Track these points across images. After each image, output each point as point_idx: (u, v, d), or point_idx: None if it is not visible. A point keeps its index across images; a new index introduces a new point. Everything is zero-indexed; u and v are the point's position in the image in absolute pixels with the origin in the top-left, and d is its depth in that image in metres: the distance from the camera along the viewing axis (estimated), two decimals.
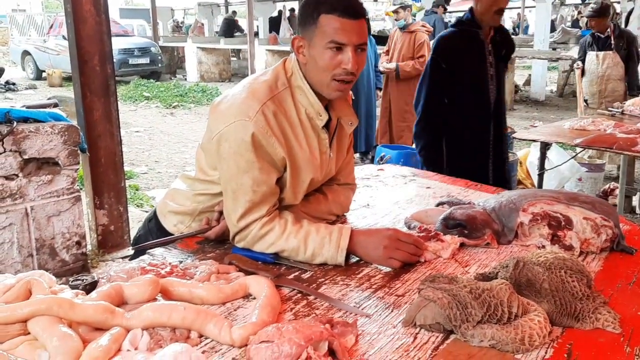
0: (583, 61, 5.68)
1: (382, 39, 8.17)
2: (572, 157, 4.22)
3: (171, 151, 7.84)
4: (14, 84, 13.71)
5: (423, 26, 6.28)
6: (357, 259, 1.54)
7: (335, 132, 1.69)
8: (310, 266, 1.49)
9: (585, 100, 5.69)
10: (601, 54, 5.43)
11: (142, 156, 7.50)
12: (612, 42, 5.43)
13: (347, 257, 1.51)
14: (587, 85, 5.63)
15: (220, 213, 1.63)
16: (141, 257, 1.53)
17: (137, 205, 5.07)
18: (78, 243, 2.26)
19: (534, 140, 3.69)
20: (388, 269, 1.48)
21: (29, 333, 1.03)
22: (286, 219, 1.54)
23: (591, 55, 5.53)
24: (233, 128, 1.47)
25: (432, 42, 3.52)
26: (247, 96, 1.50)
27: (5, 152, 2.03)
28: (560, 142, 3.57)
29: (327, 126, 1.62)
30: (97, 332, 1.07)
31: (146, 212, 3.78)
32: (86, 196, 2.46)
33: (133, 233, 2.93)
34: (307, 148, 1.57)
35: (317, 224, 1.56)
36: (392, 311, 1.27)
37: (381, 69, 6.36)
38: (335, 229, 1.52)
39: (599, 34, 5.50)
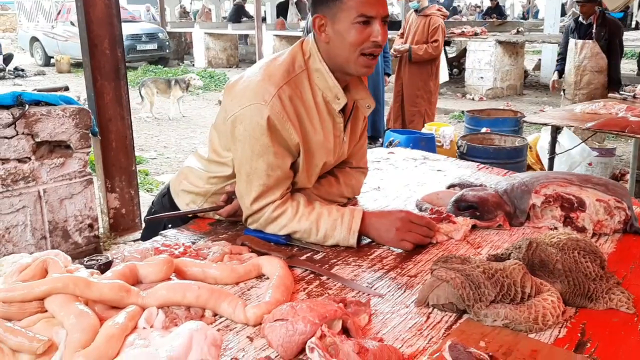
0: (565, 49, 5.36)
1: (391, 23, 8.11)
2: (583, 142, 4.19)
3: (180, 137, 7.85)
4: (22, 70, 13.75)
5: (439, 10, 6.21)
6: (369, 240, 1.54)
7: (350, 116, 1.68)
8: (322, 247, 1.50)
9: (563, 90, 5.43)
10: (580, 42, 5.09)
11: (151, 142, 7.52)
12: (594, 30, 5.04)
13: (359, 239, 1.51)
14: (566, 74, 5.35)
15: (230, 193, 1.64)
16: (154, 238, 1.54)
17: (147, 190, 5.10)
18: (90, 226, 2.28)
19: (544, 124, 3.66)
20: (400, 251, 1.48)
21: (46, 311, 1.04)
22: (298, 201, 1.54)
23: (571, 42, 5.20)
24: (249, 111, 1.46)
25: None
26: (264, 79, 1.49)
27: (17, 135, 2.04)
28: (571, 126, 3.55)
29: (342, 109, 1.61)
30: (113, 310, 1.08)
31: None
32: (97, 180, 2.47)
33: (144, 217, 2.95)
34: (321, 132, 1.57)
35: (329, 206, 1.56)
36: (404, 291, 1.27)
37: (393, 51, 6.31)
38: (347, 211, 1.52)
39: (582, 20, 5.13)
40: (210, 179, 1.68)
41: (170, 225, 1.68)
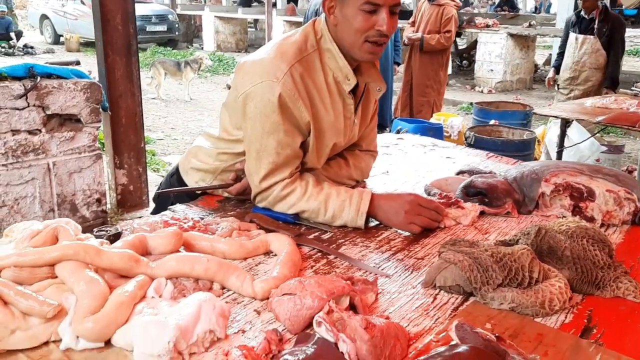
0: (565, 42, 5.16)
1: (402, 13, 8.06)
2: (592, 136, 4.16)
3: (187, 119, 7.85)
4: (32, 47, 13.74)
5: (452, 0, 6.15)
6: (377, 223, 1.54)
7: (361, 98, 1.67)
8: (330, 228, 1.50)
9: (557, 85, 5.28)
10: (581, 37, 4.92)
11: (158, 122, 7.53)
12: (595, 25, 4.84)
13: (367, 221, 1.51)
14: (563, 68, 5.19)
15: (239, 172, 1.64)
16: (163, 213, 1.55)
17: (154, 170, 5.11)
18: (98, 200, 2.29)
19: (555, 117, 3.64)
20: (407, 234, 1.48)
21: (56, 277, 1.05)
22: (307, 180, 1.54)
23: (571, 37, 5.02)
24: (260, 88, 1.46)
25: None
26: (276, 57, 1.49)
27: (28, 106, 2.05)
28: (581, 119, 3.53)
29: (353, 91, 1.61)
30: (122, 279, 1.09)
31: (162, 176, 3.81)
32: (106, 156, 2.48)
33: (151, 196, 2.96)
34: (332, 112, 1.56)
35: (338, 187, 1.56)
36: (411, 273, 1.28)
37: (405, 39, 6.27)
38: (356, 193, 1.52)
39: (584, 14, 4.94)
40: (220, 155, 1.68)
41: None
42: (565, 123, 3.55)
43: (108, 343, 0.96)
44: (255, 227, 1.44)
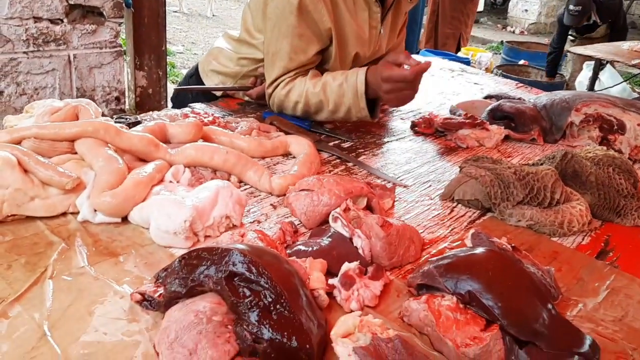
0: (560, 46, 4.82)
1: None
2: (624, 80, 4.02)
3: (208, 35, 7.71)
4: None
5: None
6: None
7: (390, 8, 1.60)
8: (348, 136, 1.47)
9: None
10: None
11: (179, 36, 7.40)
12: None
13: (375, 108, 1.44)
14: None
15: (259, 76, 1.61)
16: (182, 109, 1.53)
17: (172, 82, 5.07)
18: (117, 99, 2.27)
19: (589, 57, 3.51)
20: (426, 147, 1.46)
21: (75, 153, 1.05)
22: (305, 75, 1.48)
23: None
24: None
25: None
26: None
27: None
28: (616, 61, 3.39)
29: (382, 1, 1.54)
30: (140, 162, 1.08)
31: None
32: (127, 56, 2.44)
33: (169, 101, 2.93)
34: (355, 20, 1.50)
35: (335, 72, 1.47)
36: (430, 186, 1.26)
37: None
38: (351, 73, 1.42)
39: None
40: (240, 60, 1.64)
41: None
42: (599, 65, 3.43)
43: (125, 220, 0.97)
44: (274, 129, 1.42)
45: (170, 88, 4.57)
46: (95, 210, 0.95)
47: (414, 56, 1.42)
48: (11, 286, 0.79)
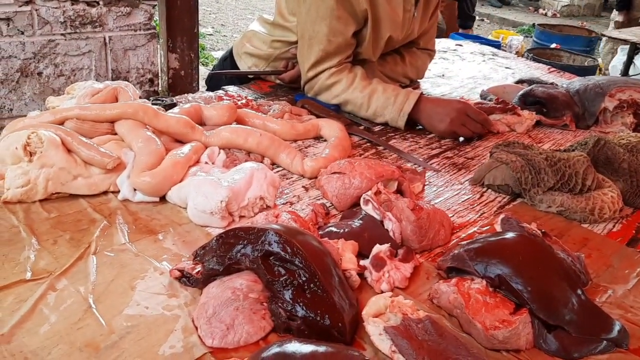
0: None
1: None
2: None
3: (237, 17, 7.72)
4: None
5: None
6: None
7: None
8: (371, 124, 1.48)
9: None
10: None
11: (209, 17, 7.43)
12: None
13: (412, 124, 1.48)
14: None
15: (291, 60, 1.62)
16: (216, 91, 1.56)
17: (203, 64, 5.11)
18: (151, 80, 2.31)
19: (624, 41, 3.43)
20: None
21: (115, 134, 1.08)
22: (355, 73, 1.50)
23: None
24: None
25: None
26: None
27: None
28: None
29: None
30: (177, 144, 1.11)
31: (211, 70, 3.79)
32: (160, 38, 2.48)
33: (202, 84, 2.97)
34: (391, 3, 1.50)
35: (387, 84, 1.52)
36: (460, 170, 1.27)
37: None
38: (403, 93, 1.47)
39: None
40: (274, 42, 1.66)
41: None
42: (634, 49, 3.34)
43: (163, 199, 1.01)
44: (306, 112, 1.44)
45: (202, 70, 4.62)
46: (134, 190, 0.99)
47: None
48: (57, 261, 0.83)
